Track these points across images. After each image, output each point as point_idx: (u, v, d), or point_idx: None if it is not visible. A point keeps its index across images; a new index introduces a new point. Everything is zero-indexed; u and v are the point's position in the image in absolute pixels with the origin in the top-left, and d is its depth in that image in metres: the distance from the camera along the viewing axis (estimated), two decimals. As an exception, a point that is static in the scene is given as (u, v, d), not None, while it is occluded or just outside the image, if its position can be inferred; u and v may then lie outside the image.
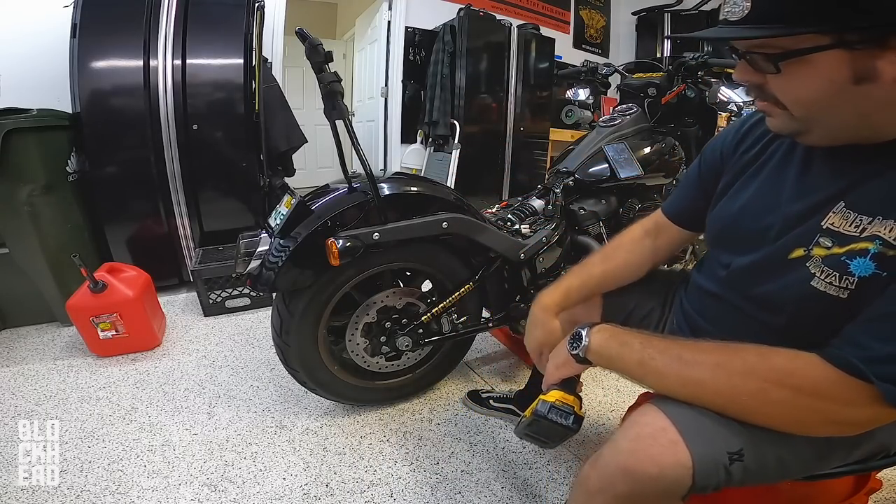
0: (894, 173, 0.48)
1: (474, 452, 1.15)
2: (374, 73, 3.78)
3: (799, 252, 0.54)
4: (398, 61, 3.54)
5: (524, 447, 1.17)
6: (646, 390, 0.75)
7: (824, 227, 0.52)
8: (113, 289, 1.51)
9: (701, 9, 3.67)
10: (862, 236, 0.49)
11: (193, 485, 1.04)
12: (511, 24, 3.68)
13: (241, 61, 2.02)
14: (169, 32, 1.91)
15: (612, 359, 0.61)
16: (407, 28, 3.50)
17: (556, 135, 3.47)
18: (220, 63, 2.02)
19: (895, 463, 0.64)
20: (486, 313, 1.35)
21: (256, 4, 2.11)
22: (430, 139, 3.62)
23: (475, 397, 1.33)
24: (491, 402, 1.30)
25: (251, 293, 1.96)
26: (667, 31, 3.76)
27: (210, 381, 1.45)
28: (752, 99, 0.57)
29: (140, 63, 1.87)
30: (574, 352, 0.64)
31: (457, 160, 3.36)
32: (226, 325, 1.85)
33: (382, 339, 1.17)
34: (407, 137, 3.72)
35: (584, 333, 0.64)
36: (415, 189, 1.15)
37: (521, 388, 1.30)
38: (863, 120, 0.48)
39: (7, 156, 1.53)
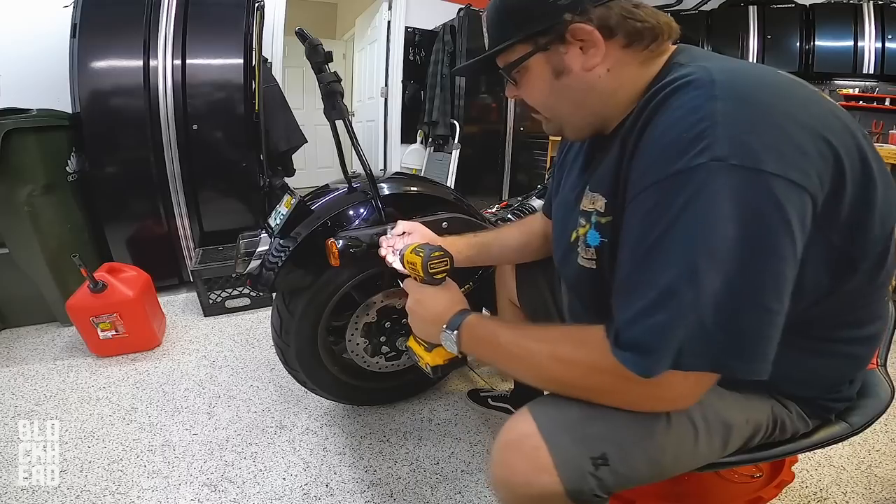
0: (608, 156, 0.56)
1: (474, 452, 1.15)
2: (374, 73, 3.78)
3: (574, 235, 0.62)
4: (398, 61, 3.54)
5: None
6: None
7: (580, 209, 0.61)
8: (113, 289, 1.51)
9: (701, 9, 3.66)
10: (590, 210, 0.58)
11: (193, 485, 1.04)
12: (511, 24, 3.68)
13: (241, 61, 2.02)
14: (169, 32, 1.91)
15: (477, 356, 0.62)
16: (407, 28, 3.50)
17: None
18: (220, 63, 2.02)
19: (791, 451, 0.64)
20: (485, 313, 1.34)
21: (256, 4, 2.11)
22: (430, 139, 3.62)
23: (475, 396, 1.33)
24: (489, 400, 1.30)
25: (251, 293, 1.96)
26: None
27: (210, 381, 1.45)
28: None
29: (140, 63, 1.87)
30: (449, 333, 0.63)
31: (457, 160, 3.36)
32: (226, 325, 1.85)
33: (382, 339, 1.17)
34: (407, 137, 3.72)
35: (454, 333, 0.63)
36: (415, 189, 1.15)
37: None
38: (579, 108, 0.59)
39: (7, 156, 1.53)
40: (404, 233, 0.90)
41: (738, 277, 0.41)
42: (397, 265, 0.79)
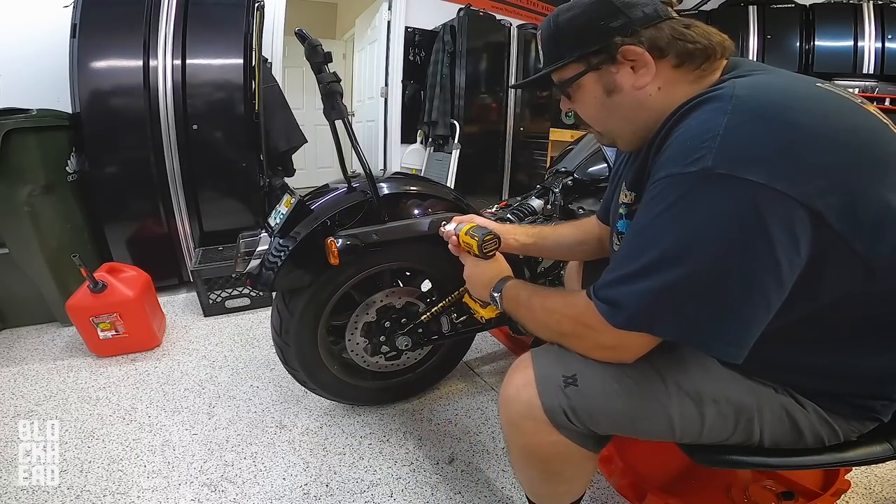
0: (640, 159, 0.63)
1: (474, 452, 1.15)
2: (373, 74, 3.78)
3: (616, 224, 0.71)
4: (398, 61, 3.54)
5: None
6: None
7: (619, 202, 0.69)
8: (113, 289, 1.51)
9: (701, 9, 3.67)
10: (621, 203, 0.68)
11: (193, 485, 1.04)
12: (511, 24, 3.68)
13: (240, 61, 2.02)
14: (169, 32, 1.91)
15: (510, 313, 0.75)
16: (407, 28, 3.50)
17: (556, 135, 3.46)
18: (219, 63, 2.02)
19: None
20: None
21: (256, 4, 2.11)
22: (430, 139, 3.62)
23: None
24: None
25: (251, 293, 1.96)
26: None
27: (210, 381, 1.45)
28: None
29: (140, 63, 1.87)
30: (495, 295, 0.77)
31: (456, 160, 3.37)
32: (226, 325, 1.85)
33: (382, 338, 1.17)
34: (407, 137, 3.72)
35: (499, 294, 0.77)
36: (414, 189, 1.15)
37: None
38: (629, 123, 0.63)
39: (7, 156, 1.53)
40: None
41: (711, 268, 0.48)
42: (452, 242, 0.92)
